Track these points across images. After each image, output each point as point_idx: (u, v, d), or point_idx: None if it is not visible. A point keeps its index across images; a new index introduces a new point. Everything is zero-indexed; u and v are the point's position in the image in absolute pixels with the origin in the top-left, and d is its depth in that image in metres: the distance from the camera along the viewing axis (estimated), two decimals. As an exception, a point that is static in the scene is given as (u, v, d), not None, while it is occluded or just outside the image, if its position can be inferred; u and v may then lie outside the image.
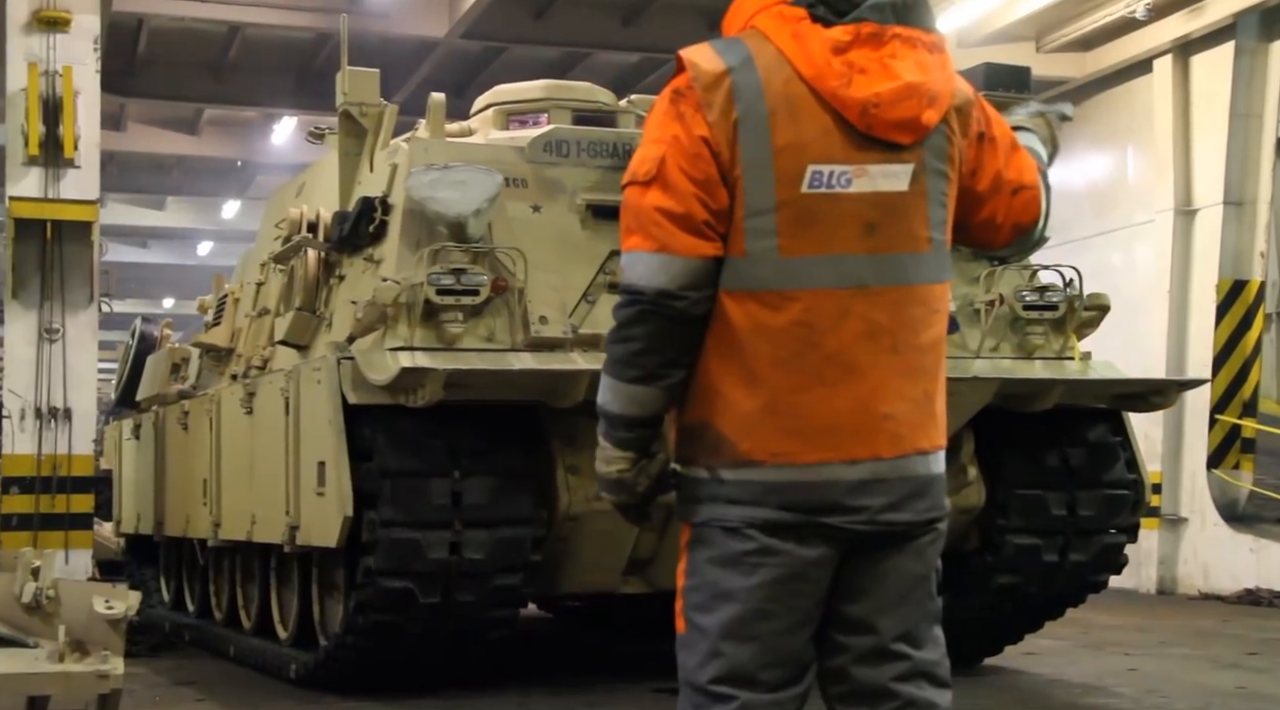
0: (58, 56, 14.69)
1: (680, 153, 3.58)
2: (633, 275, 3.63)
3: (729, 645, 3.63)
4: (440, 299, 9.36)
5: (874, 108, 3.56)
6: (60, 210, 14.57)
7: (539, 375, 9.10)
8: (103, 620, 8.38)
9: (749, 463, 3.61)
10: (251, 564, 11.91)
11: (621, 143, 10.25)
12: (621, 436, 3.75)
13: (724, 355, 3.62)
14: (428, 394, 8.86)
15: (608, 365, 3.73)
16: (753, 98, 3.56)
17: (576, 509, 9.47)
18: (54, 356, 14.67)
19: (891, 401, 3.65)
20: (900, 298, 3.65)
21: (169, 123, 30.38)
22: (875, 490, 3.63)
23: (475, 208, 9.53)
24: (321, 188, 11.57)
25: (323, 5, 23.88)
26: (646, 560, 9.89)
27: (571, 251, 9.87)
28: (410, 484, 9.07)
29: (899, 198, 3.63)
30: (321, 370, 9.48)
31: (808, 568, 3.63)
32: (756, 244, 3.57)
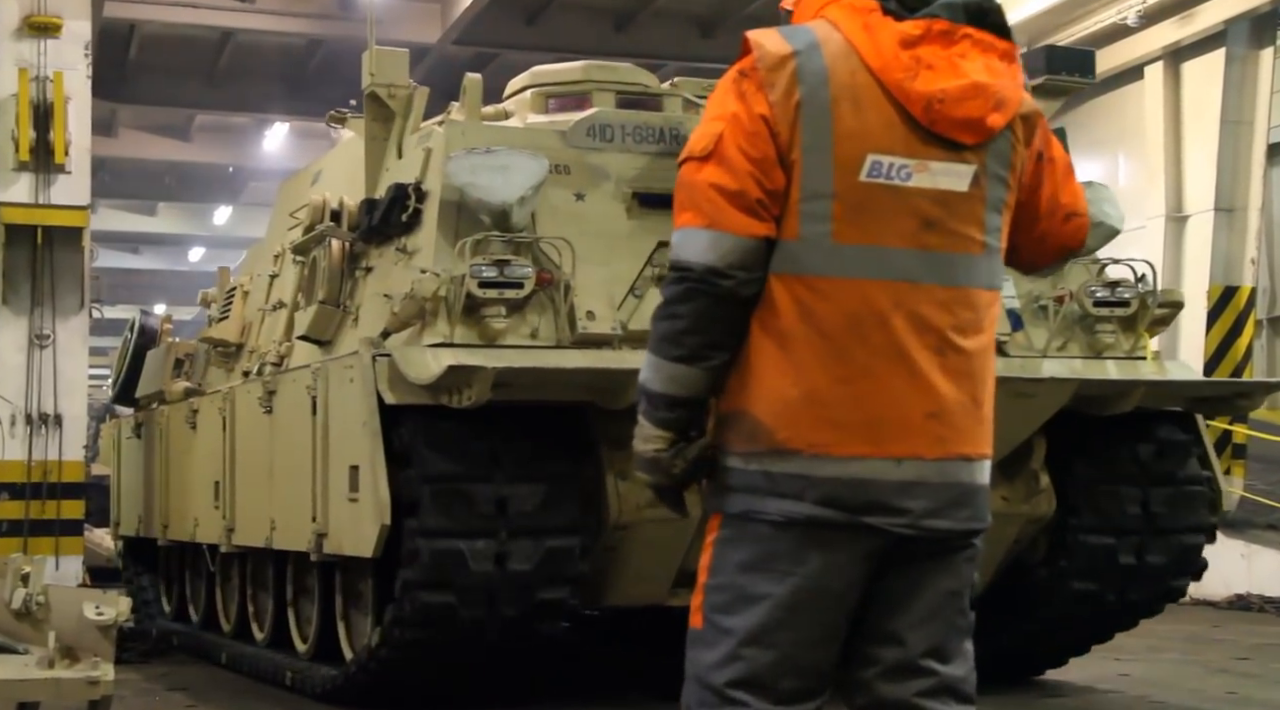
0: (49, 62, 14.37)
1: (739, 130, 3.45)
2: (683, 252, 3.49)
3: (751, 650, 3.44)
4: (482, 292, 8.23)
5: (938, 103, 3.43)
6: (51, 216, 14.23)
7: (594, 375, 8.06)
8: (93, 626, 8.24)
9: (785, 451, 3.43)
10: (265, 572, 10.71)
11: (669, 127, 9.19)
12: (661, 416, 3.56)
13: (768, 340, 3.47)
14: (474, 394, 7.78)
15: (652, 342, 3.56)
16: (816, 82, 3.44)
17: (627, 517, 8.40)
18: (44, 362, 14.33)
19: (936, 401, 3.47)
20: (951, 298, 3.49)
21: (160, 128, 30.02)
22: (918, 492, 3.45)
23: (520, 195, 8.45)
24: (340, 175, 10.41)
25: (314, 12, 23.56)
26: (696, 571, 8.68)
27: (617, 242, 8.80)
28: (453, 490, 8.04)
29: (958, 198, 3.50)
30: (354, 368, 8.36)
31: (840, 579, 3.45)
32: (810, 228, 3.44)
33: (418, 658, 8.54)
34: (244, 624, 11.21)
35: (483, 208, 8.45)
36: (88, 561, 15.97)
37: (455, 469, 8.03)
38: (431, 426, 8.07)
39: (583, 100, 9.40)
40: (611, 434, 8.43)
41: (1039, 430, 8.82)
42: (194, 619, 12.55)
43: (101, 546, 19.36)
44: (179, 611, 13.10)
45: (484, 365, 7.74)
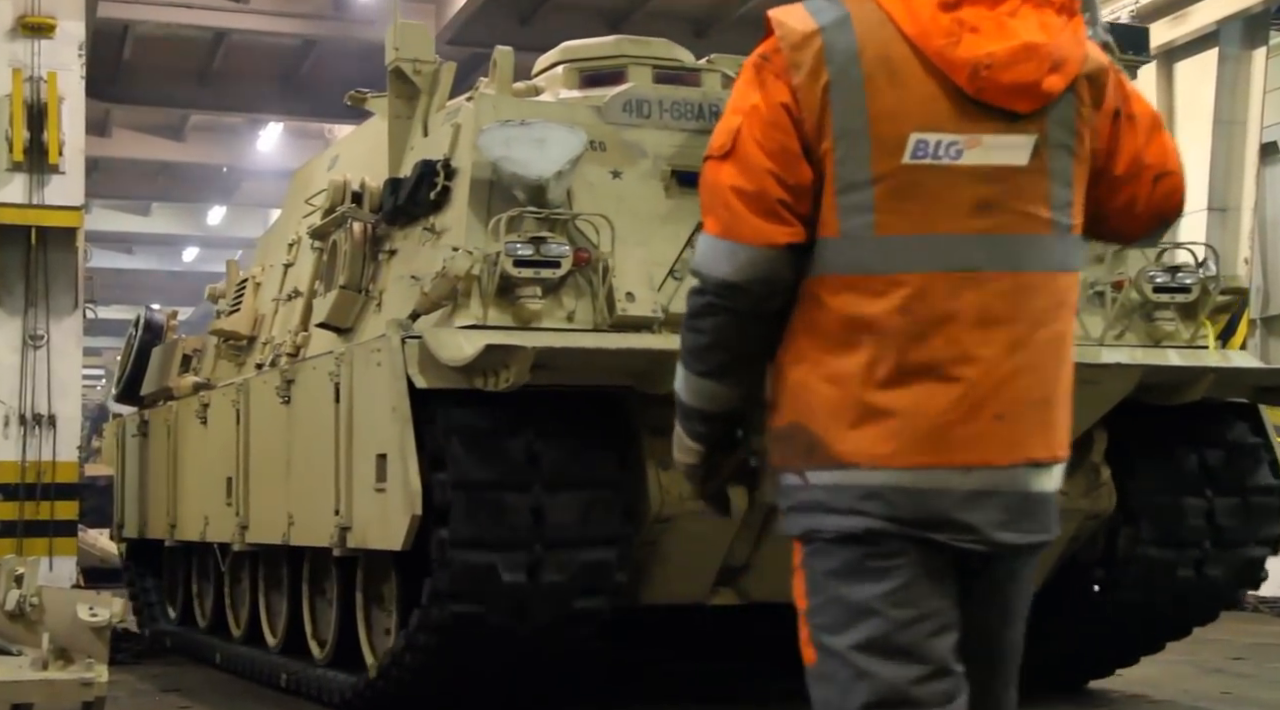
0: (42, 62, 14.19)
1: (757, 123, 3.09)
2: (700, 261, 3.16)
3: (875, 664, 3.03)
4: (517, 272, 7.61)
5: (986, 69, 3.03)
6: (44, 216, 14.05)
7: (637, 357, 7.48)
8: (87, 628, 8.18)
9: (843, 465, 3.07)
10: (279, 572, 10.04)
11: (707, 103, 8.62)
12: (694, 428, 3.32)
13: (815, 348, 3.10)
14: (512, 377, 7.20)
15: (681, 355, 3.25)
16: (846, 60, 3.05)
17: (669, 509, 7.83)
18: (38, 363, 14.12)
19: (1004, 402, 3.07)
20: (1017, 285, 3.08)
21: (154, 129, 29.91)
22: (988, 504, 3.07)
23: (557, 169, 7.87)
24: (360, 157, 9.79)
25: (309, 12, 23.29)
26: (740, 568, 8.21)
27: (655, 222, 8.22)
28: (488, 499, 7.45)
29: (1017, 173, 3.08)
30: (382, 352, 7.75)
31: (939, 564, 3.07)
32: (851, 222, 3.05)
33: (444, 663, 7.97)
34: (255, 628, 10.53)
35: (517, 183, 7.86)
36: (81, 562, 15.64)
37: (491, 475, 7.44)
38: (465, 421, 7.49)
39: (617, 76, 8.81)
40: (652, 421, 7.86)
41: (1100, 422, 8.20)
42: (201, 624, 11.85)
43: (95, 547, 19.30)
44: (184, 616, 12.42)
45: (523, 345, 7.13)
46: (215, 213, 37.19)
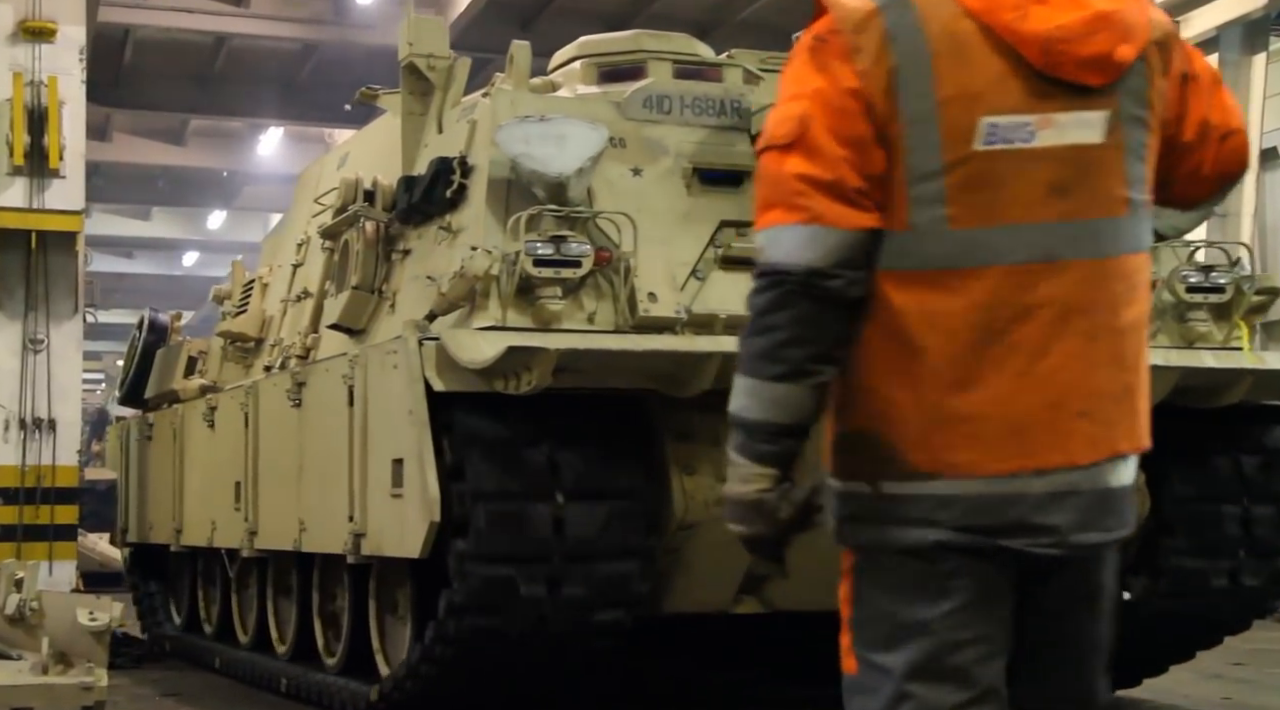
0: (43, 66, 14.02)
1: (826, 109, 2.88)
2: (775, 253, 2.91)
3: (919, 686, 2.89)
4: (537, 271, 7.31)
5: (1059, 43, 2.86)
6: (45, 220, 13.89)
7: (664, 358, 7.20)
8: (86, 632, 8.13)
9: (920, 475, 2.90)
10: (288, 579, 9.75)
11: (729, 99, 8.33)
12: (763, 449, 2.96)
13: (886, 349, 2.91)
14: (534, 379, 6.94)
15: (744, 363, 2.96)
16: (911, 40, 2.86)
17: (693, 516, 7.55)
18: (38, 367, 13.93)
19: (1087, 397, 2.91)
20: (1097, 272, 2.91)
21: (155, 133, 29.86)
22: (1066, 505, 2.91)
23: (578, 166, 7.61)
24: (371, 155, 9.53)
25: (308, 16, 23.35)
26: (764, 576, 7.86)
27: (677, 220, 7.96)
28: (508, 511, 7.17)
29: (1092, 152, 2.91)
30: (398, 354, 7.48)
31: (998, 584, 2.91)
32: (922, 215, 2.87)
33: (460, 673, 7.71)
34: (263, 635, 10.23)
35: (537, 180, 7.59)
36: (81, 567, 15.43)
37: (511, 486, 7.18)
38: (485, 429, 7.22)
39: (637, 71, 8.51)
40: (675, 425, 7.66)
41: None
42: (207, 630, 11.54)
43: (95, 552, 19.25)
44: (190, 623, 12.12)
45: (546, 347, 6.85)
46: (215, 217, 36.94)
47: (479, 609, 7.28)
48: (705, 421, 7.56)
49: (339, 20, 23.45)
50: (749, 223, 7.94)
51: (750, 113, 8.24)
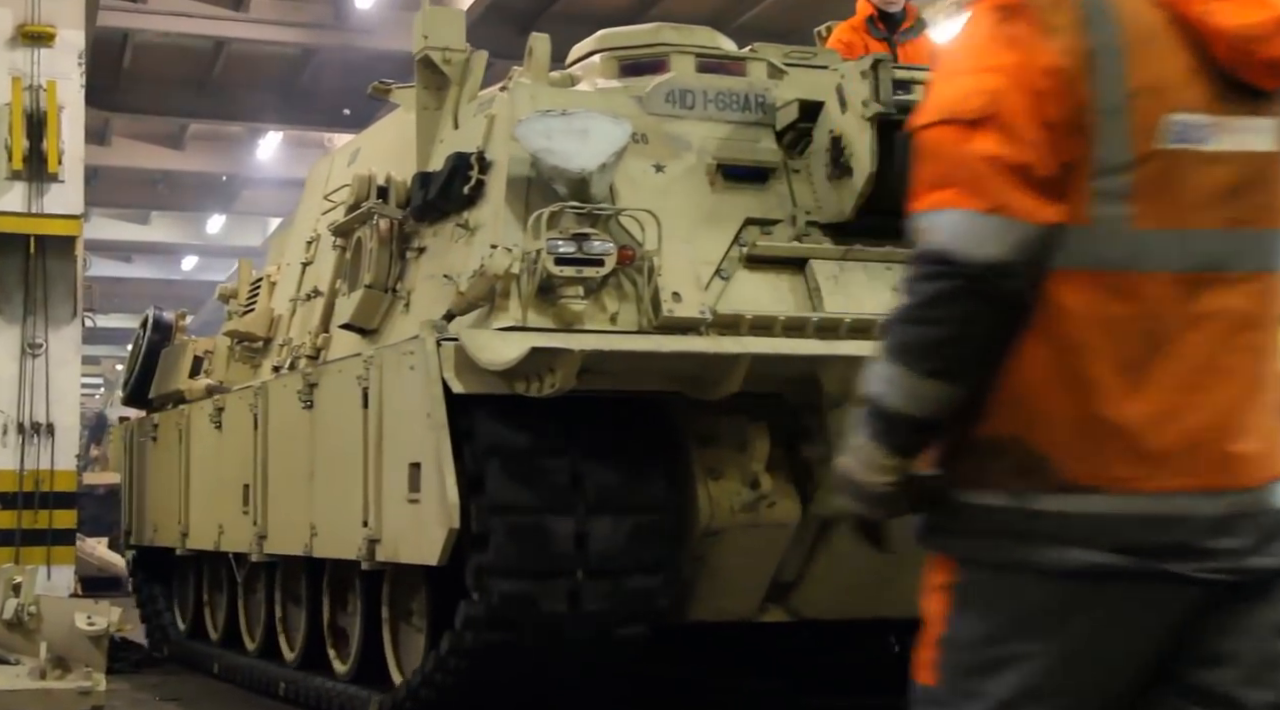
0: (42, 71, 14.00)
1: (1022, 86, 2.61)
2: (947, 240, 2.62)
3: None
4: (559, 270, 6.96)
5: (1248, 41, 2.64)
6: (44, 225, 13.81)
7: (691, 360, 6.92)
8: (84, 637, 8.06)
9: (1081, 488, 2.63)
10: (297, 584, 9.44)
11: (753, 94, 8.02)
12: (900, 441, 2.76)
13: (1048, 352, 2.66)
14: (557, 381, 6.67)
15: (895, 351, 2.72)
16: (1105, 23, 2.64)
17: (719, 522, 7.27)
18: (36, 372, 13.88)
19: (1256, 414, 2.70)
20: (1264, 286, 2.72)
21: (154, 137, 29.73)
22: (1239, 528, 2.67)
23: (601, 161, 7.30)
24: (384, 151, 9.22)
25: (308, 21, 23.20)
26: (790, 583, 7.60)
27: (701, 218, 7.65)
28: (529, 525, 6.93)
29: (1264, 159, 2.71)
30: (415, 355, 7.19)
31: (1128, 636, 2.65)
32: (1104, 211, 2.63)
33: (476, 684, 7.44)
34: (271, 641, 9.93)
35: (558, 176, 7.28)
36: (80, 571, 15.40)
37: (532, 500, 6.92)
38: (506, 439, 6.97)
39: (658, 64, 8.22)
40: (700, 428, 7.41)
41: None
42: (213, 636, 11.24)
43: (93, 556, 19.25)
44: (195, 628, 11.80)
45: (570, 348, 6.56)
46: (214, 222, 36.63)
47: (497, 623, 7.05)
48: (730, 425, 7.30)
49: (338, 25, 23.27)
50: (774, 221, 7.68)
51: (775, 108, 7.96)
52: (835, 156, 7.61)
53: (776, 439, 7.28)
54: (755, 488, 7.21)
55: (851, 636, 9.47)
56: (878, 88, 7.39)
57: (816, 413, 7.26)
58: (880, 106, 7.36)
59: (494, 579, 6.93)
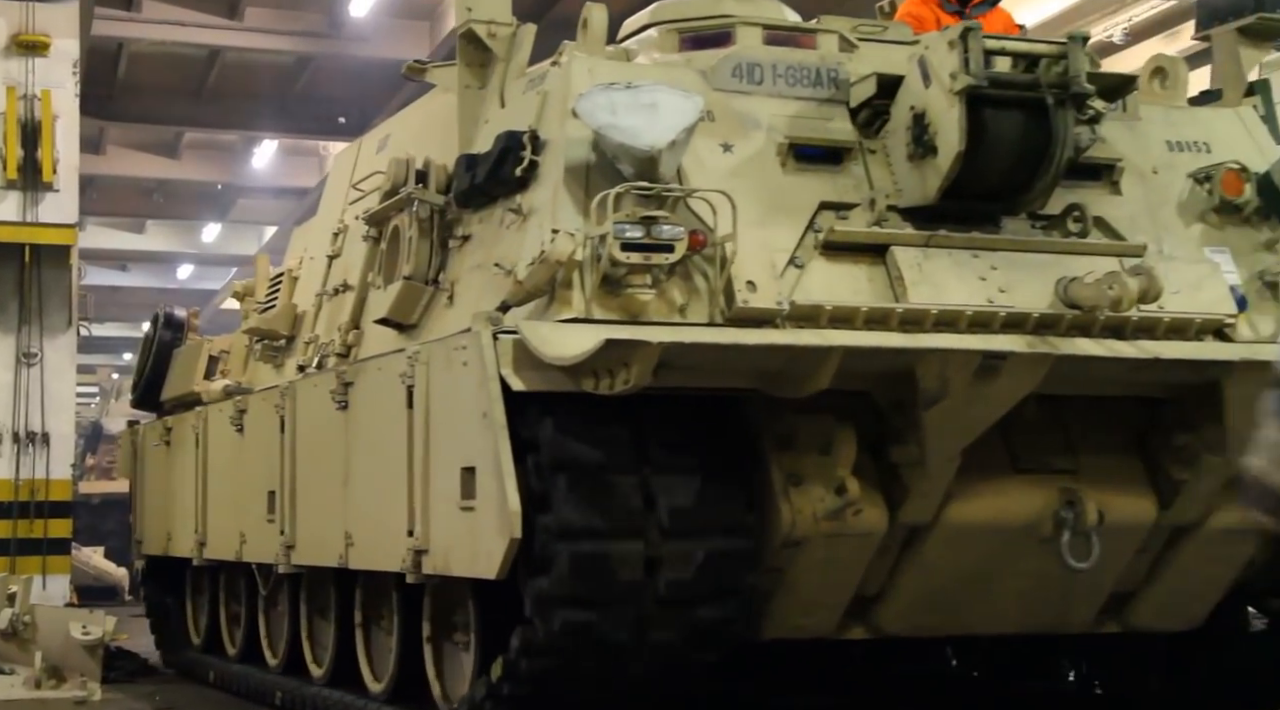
0: (36, 80, 13.80)
1: None
2: None
3: None
4: (626, 257, 6.19)
5: None
6: (38, 234, 13.61)
7: (781, 354, 6.09)
8: (80, 646, 7.98)
9: None
10: (325, 596, 8.61)
11: (825, 68, 7.27)
12: None
13: None
14: (632, 377, 5.88)
15: None
16: None
17: (801, 531, 6.48)
18: (32, 381, 13.63)
19: None
20: None
21: (149, 146, 29.42)
22: None
23: (671, 137, 6.50)
24: (418, 135, 8.43)
25: (303, 30, 23.19)
26: (872, 598, 6.77)
27: (773, 201, 6.86)
28: (594, 552, 6.14)
29: None
30: (469, 349, 6.39)
31: None
32: None
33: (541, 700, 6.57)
34: (296, 657, 9.09)
35: (625, 154, 6.50)
36: (75, 580, 15.30)
37: (602, 525, 6.14)
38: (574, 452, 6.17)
39: (723, 37, 7.41)
40: (778, 429, 6.62)
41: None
42: (230, 651, 10.38)
43: (89, 565, 19.35)
44: (211, 642, 10.93)
45: (648, 340, 5.76)
46: (210, 230, 35.90)
47: (556, 651, 6.28)
48: (812, 426, 6.51)
49: (333, 33, 22.87)
50: (850, 205, 6.92)
51: (849, 83, 7.17)
52: (918, 135, 6.84)
53: (861, 441, 6.48)
54: (841, 494, 6.41)
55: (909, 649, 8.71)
56: (967, 59, 6.59)
57: (907, 412, 6.45)
58: (971, 79, 6.58)
59: (555, 607, 6.15)
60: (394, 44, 22.50)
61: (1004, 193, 6.91)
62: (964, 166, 6.66)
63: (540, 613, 6.19)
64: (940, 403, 6.27)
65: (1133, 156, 7.37)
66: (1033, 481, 6.72)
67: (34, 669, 7.95)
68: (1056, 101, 6.68)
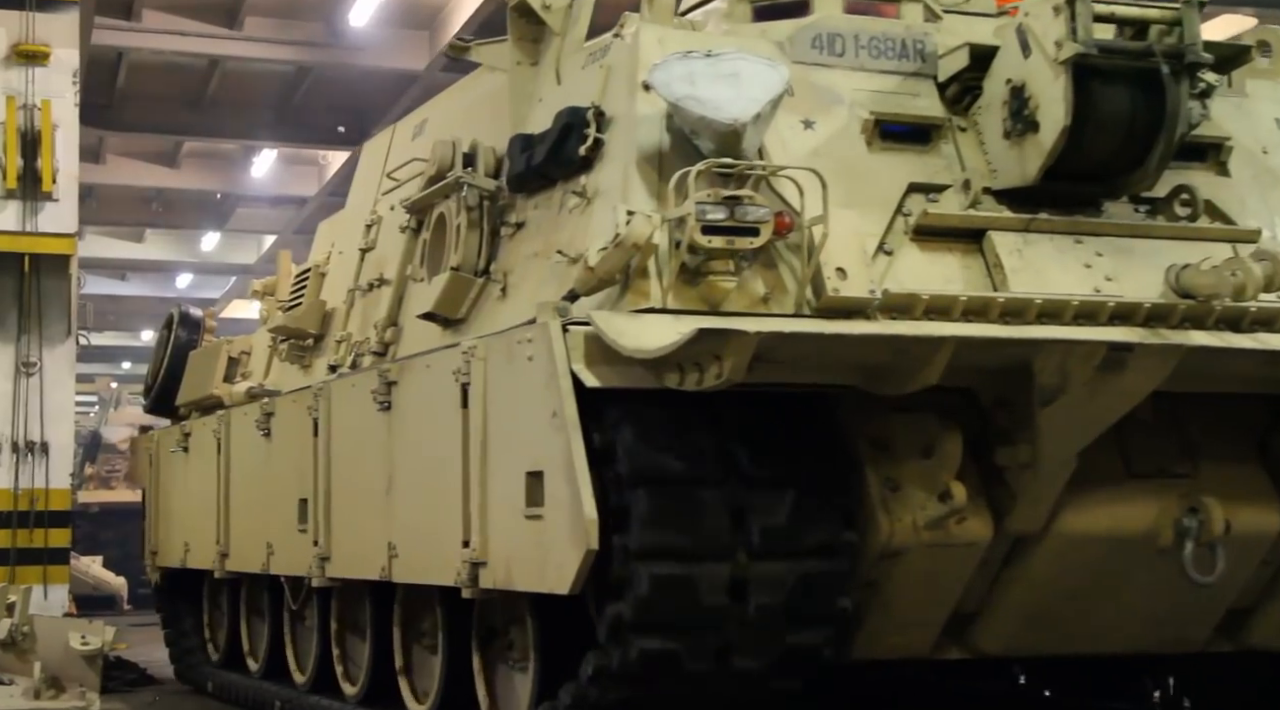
0: (36, 90, 13.31)
1: None
2: None
3: None
4: (708, 241, 5.44)
5: None
6: (38, 243, 13.08)
7: (892, 345, 5.38)
8: (79, 656, 7.90)
9: None
10: (359, 611, 7.80)
11: (911, 39, 6.50)
12: None
13: None
14: (725, 371, 5.11)
15: None
16: None
17: (900, 540, 5.73)
18: (31, 390, 13.11)
19: None
20: None
21: (148, 155, 28.82)
22: None
23: (756, 110, 5.75)
24: (460, 117, 7.69)
25: (302, 39, 22.22)
26: (970, 615, 5.98)
27: (859, 183, 6.07)
28: (677, 574, 5.37)
29: None
30: (535, 342, 5.62)
31: None
32: None
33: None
34: (325, 674, 8.28)
35: (705, 128, 5.75)
36: (74, 590, 14.82)
37: (687, 544, 5.37)
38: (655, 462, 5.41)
39: (799, 7, 6.66)
40: (873, 431, 5.87)
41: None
42: (253, 667, 9.56)
43: (88, 575, 19.03)
44: (231, 658, 10.10)
45: (745, 330, 4.98)
46: (209, 239, 35.09)
47: (631, 680, 5.51)
48: (911, 426, 5.75)
49: (332, 43, 22.22)
50: (940, 186, 6.16)
51: (936, 56, 6.41)
52: (1016, 109, 6.08)
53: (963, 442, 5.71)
54: (945, 500, 5.64)
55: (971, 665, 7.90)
56: (1075, 25, 5.83)
57: (1017, 410, 5.68)
58: (1079, 47, 5.82)
59: (632, 634, 5.38)
60: (393, 54, 21.88)
61: (1109, 173, 6.16)
62: (1069, 143, 5.91)
63: (615, 639, 5.43)
64: (1059, 399, 5.52)
65: (1241, 135, 6.63)
66: (1150, 487, 5.97)
67: (33, 679, 7.76)
68: (1171, 72, 5.93)
